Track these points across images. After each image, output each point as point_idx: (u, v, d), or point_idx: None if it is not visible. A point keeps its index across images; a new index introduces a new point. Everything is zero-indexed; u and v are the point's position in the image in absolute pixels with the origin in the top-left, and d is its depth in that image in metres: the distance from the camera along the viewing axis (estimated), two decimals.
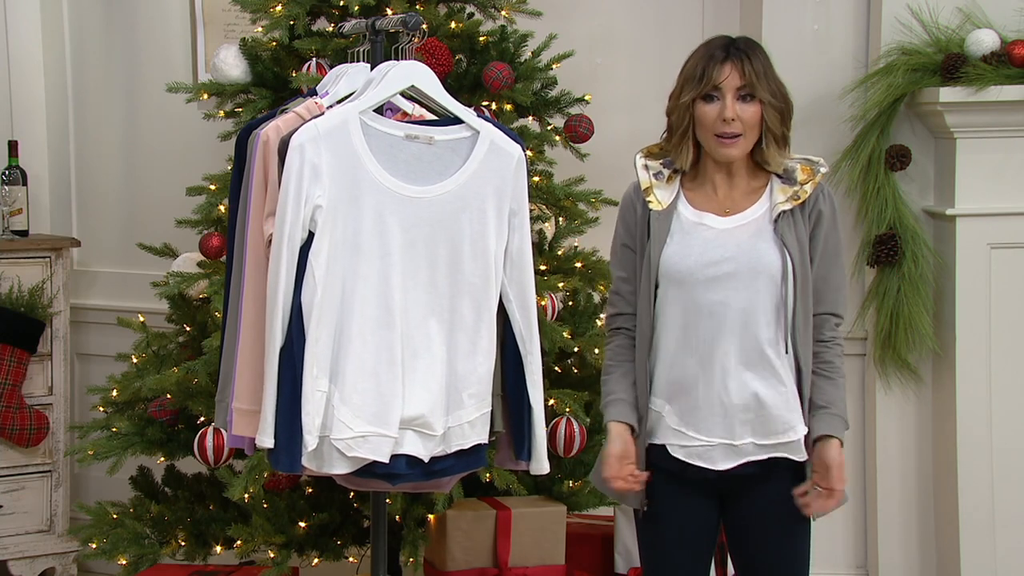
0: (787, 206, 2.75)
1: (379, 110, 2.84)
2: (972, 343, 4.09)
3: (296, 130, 2.72)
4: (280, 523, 3.66)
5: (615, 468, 2.77)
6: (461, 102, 2.96)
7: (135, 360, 3.96)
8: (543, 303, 3.69)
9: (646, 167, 2.83)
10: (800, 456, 2.76)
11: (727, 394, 2.73)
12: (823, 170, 2.79)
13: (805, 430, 2.76)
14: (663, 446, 2.78)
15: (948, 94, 3.98)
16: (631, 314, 2.85)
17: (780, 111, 2.74)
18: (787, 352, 2.74)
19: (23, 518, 4.66)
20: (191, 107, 4.22)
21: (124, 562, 3.81)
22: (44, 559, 4.71)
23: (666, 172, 2.82)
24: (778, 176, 2.79)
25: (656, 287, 2.77)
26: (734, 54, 2.72)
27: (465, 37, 3.91)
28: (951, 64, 3.98)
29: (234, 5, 4.05)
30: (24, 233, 4.71)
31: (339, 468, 2.75)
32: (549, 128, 3.97)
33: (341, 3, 3.78)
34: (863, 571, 4.36)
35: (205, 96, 3.98)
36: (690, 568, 2.83)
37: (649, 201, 2.79)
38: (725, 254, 2.73)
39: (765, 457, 2.75)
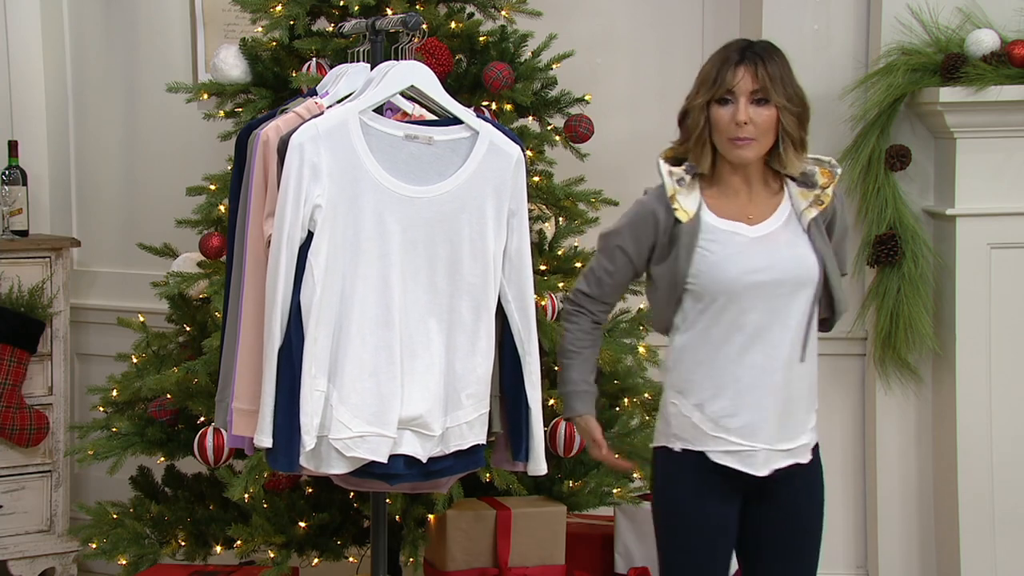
0: (813, 212, 2.76)
1: (379, 110, 2.84)
2: (972, 343, 4.09)
3: (296, 129, 2.72)
4: (280, 523, 3.66)
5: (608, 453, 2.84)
6: (461, 102, 2.96)
7: (135, 360, 3.96)
8: (543, 303, 3.69)
9: (671, 173, 2.78)
10: (805, 458, 2.79)
11: (768, 399, 2.72)
12: (839, 171, 2.80)
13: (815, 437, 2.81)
14: (700, 452, 2.76)
15: (948, 94, 3.98)
16: (606, 304, 2.86)
17: (797, 115, 2.72)
18: (804, 360, 2.76)
19: (23, 518, 4.66)
20: (191, 107, 4.22)
21: (124, 562, 3.81)
22: (44, 559, 4.71)
23: (687, 178, 2.77)
24: (792, 179, 2.79)
25: (680, 296, 2.75)
26: (749, 57, 2.70)
27: (465, 37, 3.91)
28: (951, 64, 3.98)
29: (234, 5, 4.05)
30: (24, 233, 4.71)
31: (337, 468, 2.75)
32: (549, 128, 3.97)
33: (341, 3, 3.78)
34: (863, 571, 4.37)
35: (205, 96, 3.98)
36: (716, 568, 2.81)
37: (675, 209, 2.74)
38: (764, 262, 2.72)
39: (791, 463, 2.77)
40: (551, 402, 3.70)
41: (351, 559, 3.86)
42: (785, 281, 2.72)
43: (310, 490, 3.77)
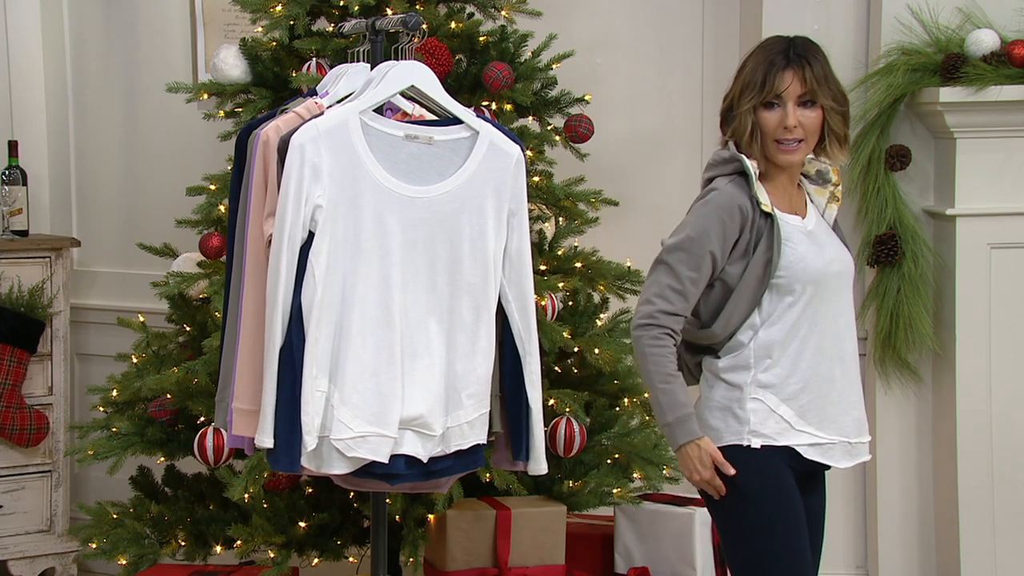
0: (834, 208, 2.83)
1: (379, 110, 2.84)
2: (972, 343, 4.09)
3: (296, 130, 2.72)
4: (280, 523, 3.66)
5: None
6: (461, 102, 2.96)
7: (135, 360, 3.96)
8: (543, 303, 3.69)
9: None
10: (868, 456, 2.85)
11: (842, 391, 2.76)
12: (841, 168, 2.85)
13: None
14: (784, 447, 2.73)
15: (948, 94, 3.98)
16: (685, 319, 2.73)
17: (842, 113, 2.75)
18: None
19: (23, 518, 4.66)
20: (191, 107, 4.22)
21: (124, 562, 3.81)
22: (44, 559, 4.71)
23: (758, 172, 2.76)
24: (804, 176, 2.83)
25: (762, 293, 2.72)
26: (794, 60, 2.70)
27: (465, 37, 3.91)
28: (951, 64, 3.98)
29: (234, 5, 4.06)
30: (24, 233, 4.71)
31: (338, 468, 2.75)
32: (549, 128, 3.97)
33: (341, 3, 3.78)
34: (863, 571, 4.36)
35: (205, 96, 3.98)
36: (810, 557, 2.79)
37: (761, 203, 2.72)
38: (831, 253, 2.76)
39: (865, 459, 2.84)
40: (551, 402, 3.70)
41: (351, 559, 3.86)
42: (843, 272, 2.78)
43: (310, 490, 3.77)
